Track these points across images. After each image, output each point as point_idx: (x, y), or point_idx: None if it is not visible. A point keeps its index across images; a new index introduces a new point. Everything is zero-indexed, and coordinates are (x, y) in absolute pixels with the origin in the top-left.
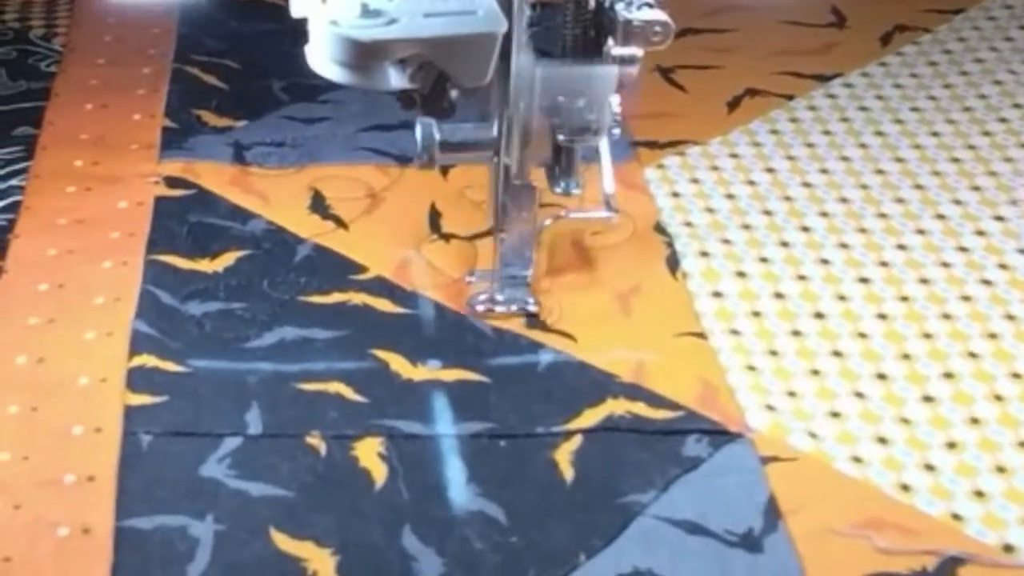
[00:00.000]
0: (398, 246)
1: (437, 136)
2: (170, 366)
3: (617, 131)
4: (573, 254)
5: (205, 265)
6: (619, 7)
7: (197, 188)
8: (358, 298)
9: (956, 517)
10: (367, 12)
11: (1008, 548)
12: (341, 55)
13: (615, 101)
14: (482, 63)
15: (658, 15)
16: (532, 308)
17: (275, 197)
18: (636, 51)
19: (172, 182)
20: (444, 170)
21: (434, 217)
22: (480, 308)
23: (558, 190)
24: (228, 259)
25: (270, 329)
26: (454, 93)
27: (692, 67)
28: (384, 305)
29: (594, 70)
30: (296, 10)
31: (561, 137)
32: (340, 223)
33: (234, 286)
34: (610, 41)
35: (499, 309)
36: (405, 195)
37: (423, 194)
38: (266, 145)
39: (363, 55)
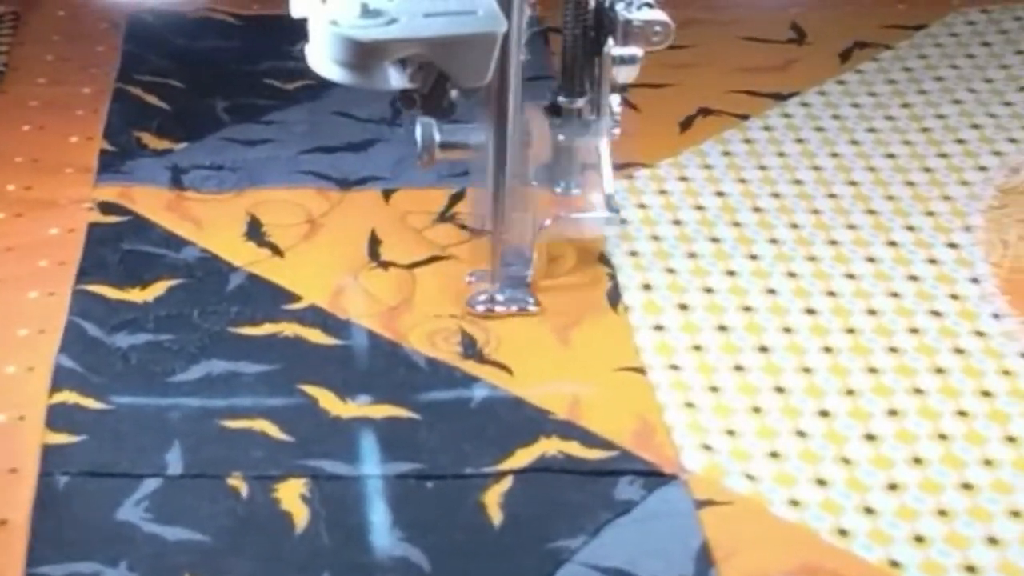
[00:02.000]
0: (335, 274)
1: (437, 136)
2: (91, 403)
3: (617, 131)
4: None
5: (135, 295)
6: (619, 7)
7: (132, 214)
8: (290, 329)
9: (894, 564)
10: (367, 12)
11: None
12: (341, 55)
13: (615, 101)
14: (482, 63)
15: (658, 15)
16: (532, 308)
17: (211, 223)
18: (636, 51)
19: (107, 208)
20: (387, 194)
21: (373, 244)
22: (480, 308)
23: (558, 190)
24: (159, 288)
25: (197, 362)
26: (454, 93)
27: (646, 85)
28: (316, 336)
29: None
30: (296, 10)
31: (561, 137)
32: (276, 250)
33: (163, 317)
34: (610, 41)
35: (499, 309)
36: (345, 221)
37: (363, 220)
38: (205, 168)
39: (363, 55)
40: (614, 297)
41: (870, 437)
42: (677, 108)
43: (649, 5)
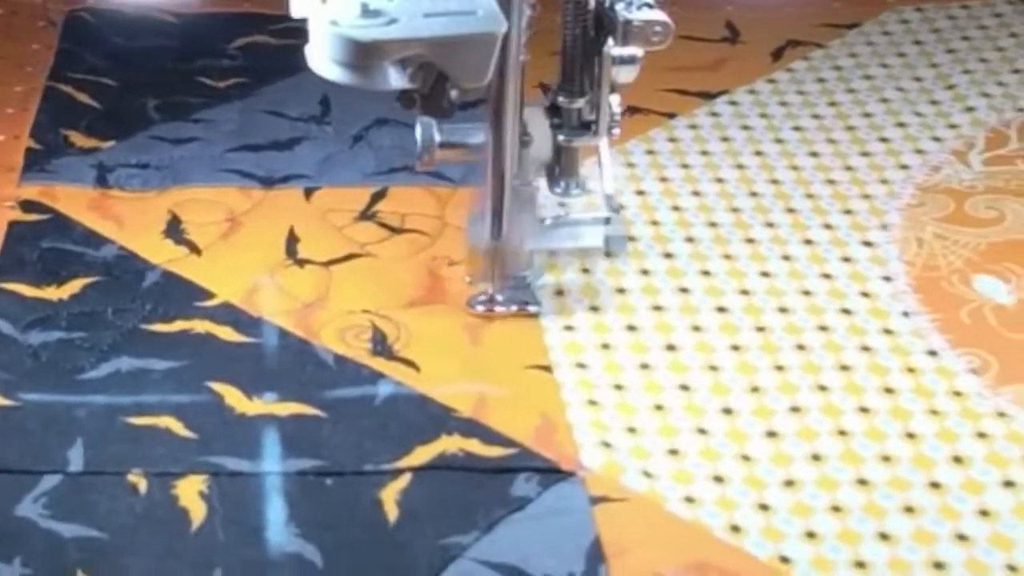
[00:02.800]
0: (251, 272)
1: (437, 136)
2: None
3: (617, 131)
4: (428, 281)
5: (51, 293)
6: (619, 7)
7: (54, 213)
8: (202, 326)
9: (784, 560)
10: (367, 12)
11: None
12: (341, 55)
13: (615, 101)
14: (482, 63)
15: (658, 15)
16: (532, 308)
17: (131, 221)
18: (636, 51)
19: (29, 206)
20: (308, 193)
21: (291, 242)
22: (480, 308)
23: (558, 190)
24: (75, 286)
25: (107, 360)
26: (454, 93)
27: None
28: (227, 334)
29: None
30: (296, 10)
31: (561, 137)
32: (194, 248)
33: (77, 314)
34: (610, 41)
35: (499, 309)
36: (265, 219)
37: (284, 218)
38: (131, 167)
39: (363, 55)
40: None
41: (771, 434)
42: None
43: (649, 5)
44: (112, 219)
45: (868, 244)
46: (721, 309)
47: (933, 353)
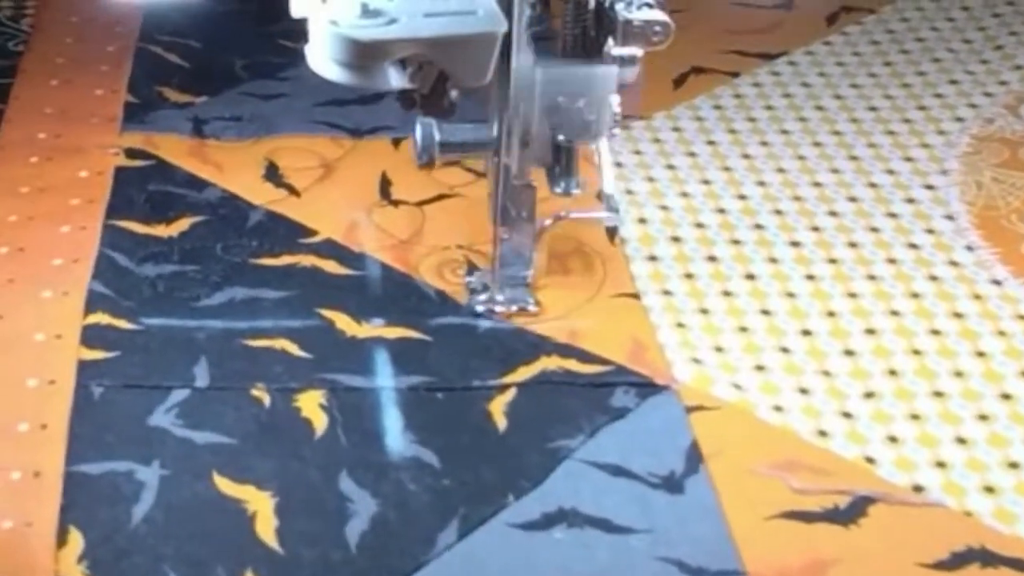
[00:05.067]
0: (348, 211)
1: (437, 136)
2: (123, 323)
3: (617, 131)
4: None
5: (161, 230)
6: (619, 7)
7: (156, 159)
8: (307, 260)
9: (870, 460)
10: (367, 12)
11: (918, 488)
12: (341, 55)
13: (615, 101)
14: (482, 63)
15: (658, 15)
16: (532, 308)
17: (230, 167)
18: (636, 51)
19: (132, 153)
20: (396, 142)
21: (384, 185)
22: (480, 308)
23: (558, 190)
24: (183, 224)
25: (221, 289)
26: (454, 93)
27: None
28: (332, 267)
29: (594, 70)
30: (296, 10)
31: (561, 137)
32: (292, 191)
33: (188, 250)
34: (610, 41)
35: (499, 309)
36: (357, 165)
37: (374, 164)
38: (225, 119)
39: (363, 55)
40: (612, 231)
41: (849, 352)
42: (671, 66)
43: (649, 5)
44: (212, 165)
45: (929, 187)
46: (794, 243)
47: (997, 282)
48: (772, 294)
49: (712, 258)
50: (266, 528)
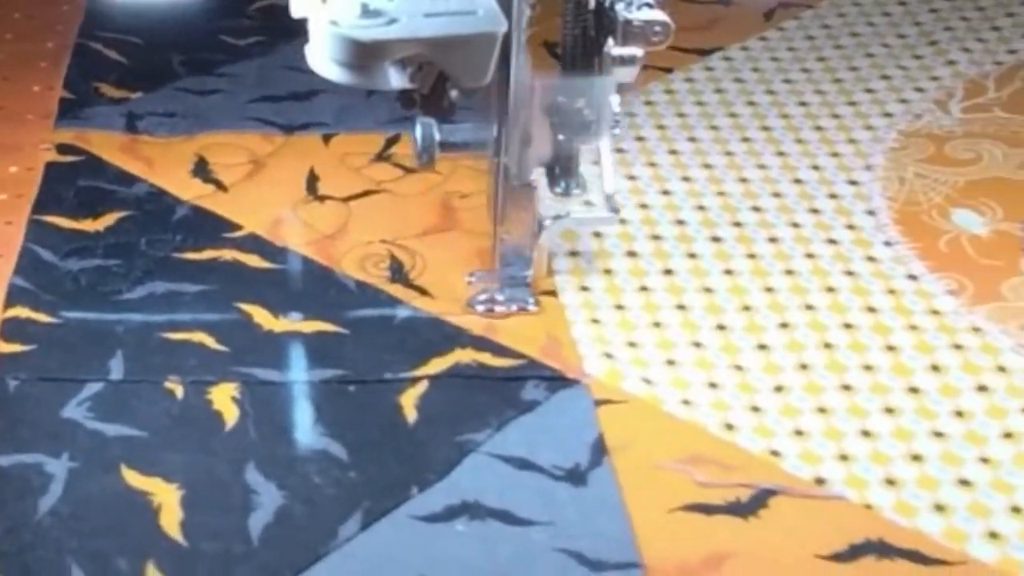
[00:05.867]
0: (274, 207)
1: (437, 136)
2: (43, 317)
3: (617, 131)
4: (442, 213)
5: (88, 225)
6: (619, 7)
7: (87, 155)
8: (229, 254)
9: (775, 453)
10: (367, 12)
11: (820, 481)
12: (341, 55)
13: (615, 101)
14: (482, 63)
15: (658, 15)
16: (532, 308)
17: (161, 163)
18: (636, 51)
19: (64, 149)
20: (327, 138)
21: (312, 181)
22: (480, 308)
23: (558, 190)
24: (110, 219)
25: (142, 284)
26: (454, 93)
27: None
28: (254, 261)
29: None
30: (296, 10)
31: (561, 137)
32: (220, 186)
33: (113, 244)
34: (610, 41)
35: (499, 309)
36: (287, 161)
37: (304, 160)
38: (159, 115)
39: (363, 55)
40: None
41: (762, 347)
42: None
43: (649, 5)
44: (142, 160)
45: (853, 183)
46: (715, 239)
47: (913, 277)
48: (689, 289)
49: (631, 253)
50: (171, 521)
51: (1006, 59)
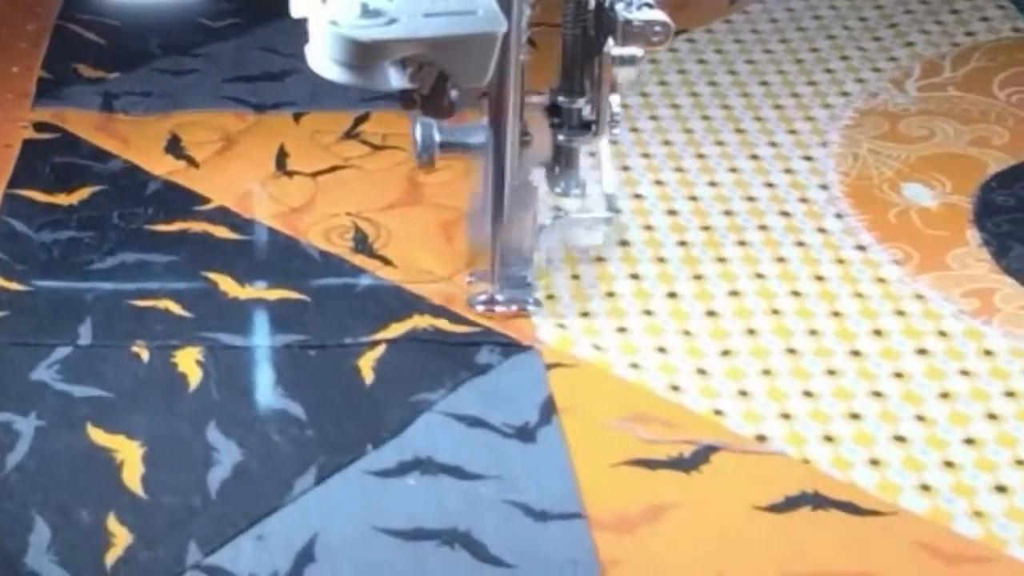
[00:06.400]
0: (244, 181)
1: (437, 136)
2: (15, 286)
3: (618, 131)
4: (408, 188)
5: (62, 199)
6: (619, 7)
7: (63, 132)
8: (199, 227)
9: (718, 413)
10: (367, 12)
11: (761, 438)
12: (341, 55)
13: (615, 101)
14: (482, 63)
15: (658, 15)
16: (532, 308)
17: (135, 140)
18: (636, 51)
19: (41, 127)
20: (297, 117)
21: (281, 157)
22: (480, 308)
23: (558, 190)
24: (84, 193)
25: (113, 254)
26: (454, 93)
27: (546, 24)
28: (222, 232)
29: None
30: (296, 10)
31: (561, 137)
32: (192, 162)
33: (86, 217)
34: (610, 41)
35: (499, 309)
36: (258, 139)
37: (275, 138)
38: (135, 95)
39: (363, 55)
40: None
41: (711, 313)
42: None
43: (649, 5)
44: (117, 138)
45: (808, 159)
46: (671, 212)
47: (862, 247)
48: (644, 260)
49: (588, 228)
50: (132, 476)
51: (963, 40)
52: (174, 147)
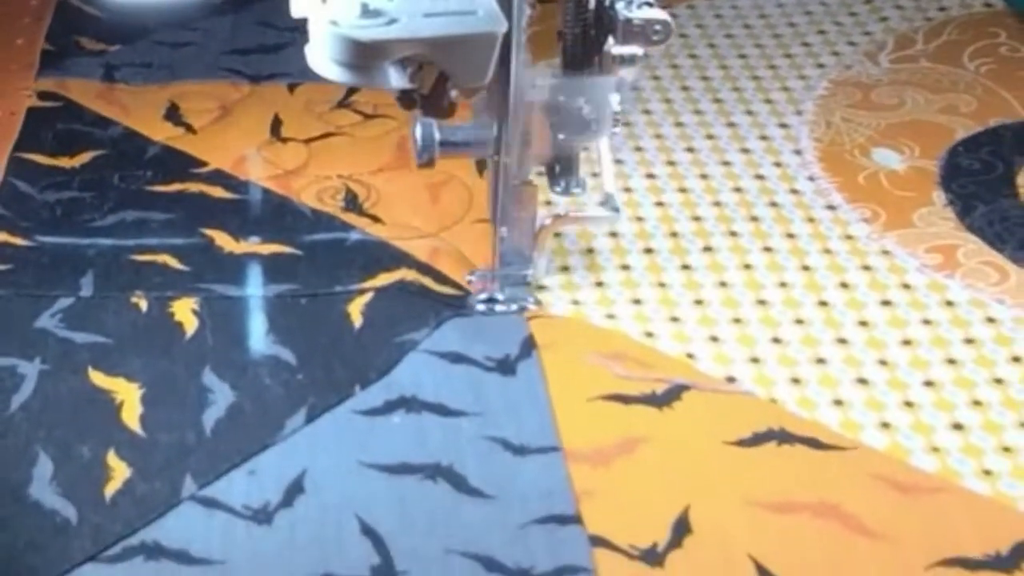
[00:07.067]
0: (239, 147)
1: (437, 136)
2: (19, 241)
3: (618, 130)
4: (398, 154)
5: (65, 162)
6: (619, 6)
7: (66, 101)
8: (196, 187)
9: (690, 356)
10: (367, 12)
11: (731, 379)
12: (341, 55)
13: (615, 100)
14: (482, 63)
15: (658, 14)
16: (532, 307)
17: (135, 109)
18: (636, 50)
19: (44, 95)
20: (292, 87)
21: (276, 124)
22: (480, 308)
23: (558, 190)
24: (85, 157)
25: (114, 212)
26: (454, 93)
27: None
28: (218, 192)
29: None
30: (296, 10)
31: (561, 137)
32: (190, 129)
33: (88, 179)
34: (610, 40)
35: (499, 308)
36: (253, 107)
37: (269, 107)
38: (135, 66)
39: (363, 55)
40: (481, 162)
41: (685, 267)
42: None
43: (649, 4)
44: (118, 106)
45: (783, 126)
46: (650, 175)
47: (832, 207)
48: (622, 219)
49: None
50: (131, 415)
51: (936, 15)
52: (173, 115)
